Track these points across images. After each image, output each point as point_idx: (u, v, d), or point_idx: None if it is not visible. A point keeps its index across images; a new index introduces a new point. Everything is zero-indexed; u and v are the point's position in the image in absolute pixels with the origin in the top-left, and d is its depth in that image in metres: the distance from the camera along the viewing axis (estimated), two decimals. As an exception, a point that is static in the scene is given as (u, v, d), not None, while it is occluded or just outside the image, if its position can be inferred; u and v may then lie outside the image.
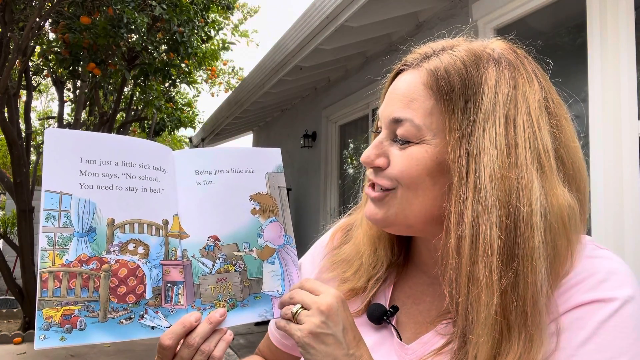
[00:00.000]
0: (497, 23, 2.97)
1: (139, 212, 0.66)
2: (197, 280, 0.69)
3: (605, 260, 0.63)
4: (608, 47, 2.22)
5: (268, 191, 0.76)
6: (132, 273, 0.65)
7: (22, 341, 5.68)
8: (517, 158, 0.60)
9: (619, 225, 2.16)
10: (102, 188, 0.64)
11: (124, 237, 0.65)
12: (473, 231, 0.59)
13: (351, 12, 3.38)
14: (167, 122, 9.10)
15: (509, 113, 0.62)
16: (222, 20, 7.55)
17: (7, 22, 4.92)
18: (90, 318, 0.62)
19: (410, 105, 0.65)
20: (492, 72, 0.64)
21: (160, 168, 0.70)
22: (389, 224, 0.70)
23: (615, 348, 0.57)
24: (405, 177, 0.65)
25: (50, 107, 14.77)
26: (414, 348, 0.70)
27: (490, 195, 0.59)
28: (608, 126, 2.21)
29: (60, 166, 0.63)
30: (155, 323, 0.65)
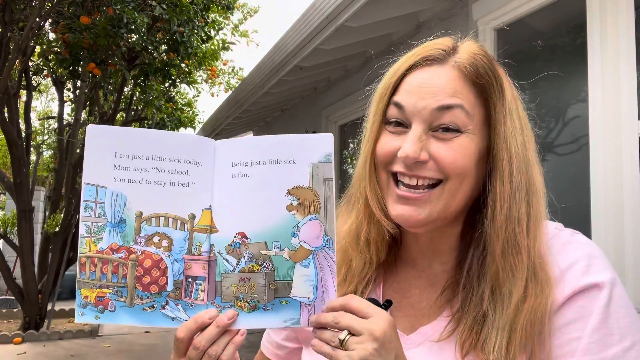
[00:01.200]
0: (497, 23, 2.97)
1: (165, 206, 0.68)
2: (219, 277, 0.68)
3: (585, 245, 0.70)
4: (608, 47, 2.22)
5: (310, 184, 0.68)
6: (155, 265, 0.68)
7: (22, 341, 5.68)
8: (525, 141, 0.71)
9: (619, 225, 2.16)
10: (132, 182, 0.68)
11: (150, 229, 0.68)
12: (511, 204, 0.69)
13: (351, 12, 3.38)
14: (167, 122, 9.10)
15: (518, 107, 0.73)
16: (222, 20, 7.55)
17: (7, 22, 4.92)
18: (119, 302, 0.67)
19: (456, 94, 0.69)
20: (500, 70, 0.73)
21: (194, 161, 0.69)
22: (429, 222, 0.70)
23: (619, 329, 0.64)
24: (458, 168, 0.68)
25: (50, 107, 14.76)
26: (413, 338, 0.72)
27: (519, 173, 0.69)
28: (608, 126, 2.21)
29: (97, 160, 0.67)
30: (175, 315, 0.67)
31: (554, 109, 2.65)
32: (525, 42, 2.98)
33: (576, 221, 2.37)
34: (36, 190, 8.97)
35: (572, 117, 2.60)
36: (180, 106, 9.44)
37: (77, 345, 5.62)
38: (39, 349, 5.45)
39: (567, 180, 2.44)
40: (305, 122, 6.35)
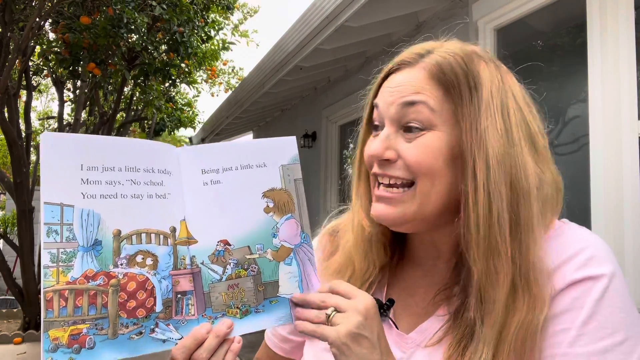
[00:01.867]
0: (497, 23, 2.97)
1: (145, 221, 0.62)
2: (207, 288, 0.66)
3: (587, 239, 0.68)
4: (608, 47, 2.22)
5: (283, 186, 0.71)
6: (141, 286, 0.62)
7: (22, 341, 5.68)
8: (513, 139, 0.67)
9: (619, 225, 2.16)
10: (106, 197, 0.60)
11: (131, 248, 0.62)
12: (487, 206, 0.65)
13: (351, 12, 3.38)
14: (167, 122, 9.09)
15: (502, 102, 0.68)
16: (222, 20, 7.55)
17: (7, 22, 4.92)
18: (100, 336, 0.59)
19: (420, 91, 0.69)
20: (483, 66, 0.70)
21: (165, 170, 0.65)
22: (405, 222, 0.70)
23: (613, 324, 0.62)
24: (423, 166, 0.67)
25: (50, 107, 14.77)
26: (412, 337, 0.72)
27: (498, 173, 0.65)
28: (608, 126, 2.21)
29: (60, 175, 0.58)
30: (167, 336, 0.63)
31: (554, 109, 2.65)
32: (525, 42, 2.98)
33: (576, 221, 2.35)
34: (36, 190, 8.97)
35: (572, 117, 2.60)
36: (180, 106, 9.43)
37: None
38: (39, 349, 5.43)
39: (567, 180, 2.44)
40: (305, 122, 6.35)
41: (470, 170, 0.66)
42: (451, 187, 0.68)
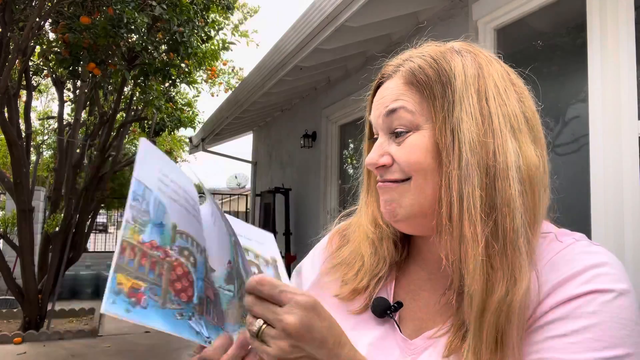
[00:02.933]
0: (497, 23, 2.97)
1: (190, 231, 0.72)
2: (225, 307, 0.72)
3: (600, 255, 0.66)
4: (608, 47, 2.22)
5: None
6: (185, 275, 0.69)
7: (22, 341, 5.68)
8: (491, 124, 0.68)
9: (619, 225, 2.16)
10: (170, 198, 0.71)
11: (182, 242, 0.70)
12: (459, 195, 0.66)
13: (351, 12, 3.38)
14: (167, 122, 9.09)
15: (479, 89, 0.70)
16: (222, 21, 7.55)
17: (7, 22, 4.92)
18: (152, 300, 0.64)
19: (399, 98, 0.73)
20: (457, 59, 0.72)
21: (197, 203, 0.76)
22: (404, 217, 0.72)
23: (612, 338, 0.60)
24: (412, 164, 0.70)
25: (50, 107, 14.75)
26: (417, 343, 0.72)
27: (471, 161, 0.66)
28: (608, 126, 2.21)
29: (148, 166, 0.70)
30: (199, 329, 0.67)
31: (554, 109, 2.65)
32: (525, 42, 2.98)
33: (576, 221, 2.37)
34: (36, 190, 8.97)
35: (572, 117, 2.60)
36: (180, 106, 9.42)
37: (78, 345, 5.62)
38: (39, 349, 5.45)
39: (567, 180, 2.44)
40: (305, 122, 6.35)
41: (444, 162, 0.68)
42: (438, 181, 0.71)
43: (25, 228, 5.93)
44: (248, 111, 6.77)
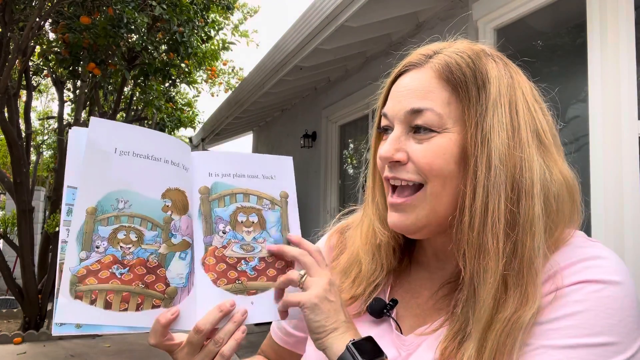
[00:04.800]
0: (497, 23, 2.97)
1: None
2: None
3: (596, 249, 0.66)
4: (608, 47, 2.22)
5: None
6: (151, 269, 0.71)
7: (22, 341, 5.68)
8: (520, 138, 0.66)
9: (619, 225, 2.16)
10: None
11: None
12: (484, 206, 0.64)
13: (351, 12, 3.38)
14: (167, 122, 9.09)
15: (511, 99, 0.68)
16: (222, 20, 7.55)
17: (7, 22, 4.92)
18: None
19: (427, 96, 0.68)
20: (491, 64, 0.70)
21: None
22: (419, 229, 0.70)
23: (594, 327, 0.59)
24: (434, 168, 0.67)
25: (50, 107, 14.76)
26: (410, 339, 0.72)
27: (500, 172, 0.64)
28: (608, 126, 2.21)
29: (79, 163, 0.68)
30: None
31: (554, 109, 2.65)
32: (525, 42, 2.98)
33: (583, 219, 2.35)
34: (36, 190, 8.97)
35: (572, 117, 2.60)
36: (180, 106, 9.43)
37: (77, 345, 5.62)
38: (39, 349, 5.45)
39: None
40: (305, 122, 6.35)
41: (471, 170, 0.65)
42: (461, 188, 0.68)
43: (25, 228, 5.93)
44: (248, 111, 6.77)
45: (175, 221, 0.70)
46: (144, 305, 0.66)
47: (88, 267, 0.64)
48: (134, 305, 0.66)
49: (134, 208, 0.67)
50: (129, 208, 0.67)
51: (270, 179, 0.79)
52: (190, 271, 0.70)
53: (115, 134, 0.68)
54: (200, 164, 0.75)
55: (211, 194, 0.75)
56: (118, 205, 0.67)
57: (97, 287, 0.64)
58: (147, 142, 0.69)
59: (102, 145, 0.67)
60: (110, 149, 0.67)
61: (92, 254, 0.65)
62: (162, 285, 0.68)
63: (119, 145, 0.68)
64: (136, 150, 0.68)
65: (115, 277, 0.65)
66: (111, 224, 0.66)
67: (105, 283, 0.65)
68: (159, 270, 0.68)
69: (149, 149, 0.69)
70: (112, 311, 0.64)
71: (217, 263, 0.73)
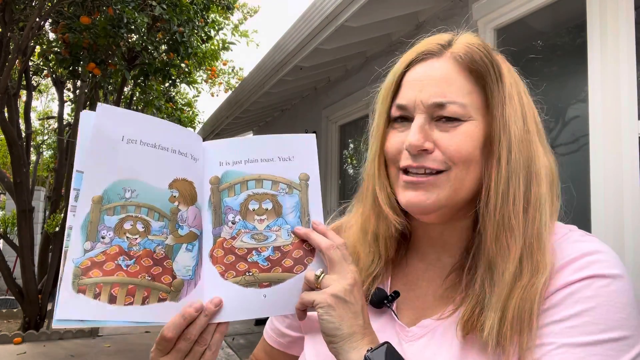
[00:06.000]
0: (497, 23, 2.97)
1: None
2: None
3: (594, 243, 0.69)
4: (608, 47, 2.22)
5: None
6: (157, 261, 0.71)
7: (22, 341, 5.68)
8: (528, 127, 0.72)
9: (619, 225, 2.16)
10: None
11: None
12: (507, 186, 0.69)
13: (351, 12, 3.38)
14: (167, 122, 9.09)
15: (518, 91, 0.73)
16: (222, 20, 7.55)
17: (7, 22, 4.92)
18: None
19: (449, 88, 0.71)
20: (499, 58, 0.74)
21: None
22: (437, 208, 0.71)
23: (609, 321, 0.62)
24: (463, 155, 0.70)
25: (50, 107, 14.76)
26: (414, 330, 0.73)
27: (518, 157, 0.70)
28: (608, 126, 2.21)
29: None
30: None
31: (554, 109, 2.65)
32: (525, 42, 2.98)
33: (576, 221, 2.36)
34: (36, 190, 8.97)
35: (572, 117, 2.60)
36: (180, 106, 9.44)
37: (77, 345, 5.62)
38: (39, 349, 5.45)
39: (567, 181, 2.44)
40: (305, 122, 6.35)
41: (496, 156, 0.70)
42: (482, 173, 0.71)
43: (25, 228, 5.93)
44: (248, 111, 6.77)
45: (182, 212, 0.69)
46: (150, 298, 0.64)
47: (92, 259, 0.62)
48: (139, 298, 0.64)
49: (140, 198, 0.66)
50: (136, 198, 0.65)
51: (287, 160, 0.75)
52: (197, 264, 0.69)
53: (123, 121, 0.66)
54: (212, 153, 0.73)
55: (221, 184, 0.72)
56: (125, 194, 0.65)
57: (102, 280, 0.62)
58: (156, 131, 0.68)
59: (110, 132, 0.65)
60: (118, 136, 0.65)
61: (98, 244, 0.63)
62: (168, 278, 0.66)
63: (127, 132, 0.66)
64: (144, 139, 0.67)
65: (121, 269, 0.63)
66: (117, 214, 0.65)
67: (111, 275, 0.63)
68: (166, 262, 0.66)
69: (157, 138, 0.68)
70: (116, 305, 0.62)
71: (226, 255, 0.70)
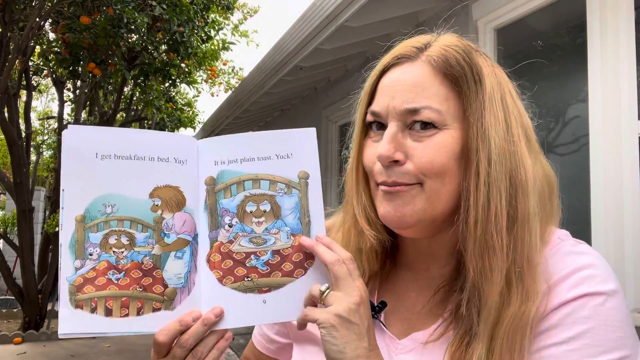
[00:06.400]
0: (497, 23, 2.97)
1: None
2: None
3: (587, 256, 0.65)
4: (608, 47, 2.22)
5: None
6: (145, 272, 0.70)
7: (22, 341, 5.68)
8: (512, 134, 0.66)
9: (619, 225, 2.16)
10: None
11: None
12: (487, 202, 0.63)
13: (351, 12, 3.38)
14: (167, 122, 9.10)
15: (501, 95, 0.67)
16: (222, 20, 7.55)
17: (7, 22, 4.92)
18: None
19: (423, 93, 0.66)
20: (481, 60, 0.68)
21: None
22: (416, 222, 0.67)
23: (607, 342, 0.60)
24: (435, 167, 0.65)
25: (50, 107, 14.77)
26: (405, 343, 0.70)
27: (499, 168, 0.64)
28: (608, 126, 2.21)
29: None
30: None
31: (554, 109, 2.65)
32: (525, 42, 2.98)
33: (576, 221, 2.36)
34: (36, 190, 8.97)
35: (572, 117, 2.59)
36: (180, 106, 9.44)
37: (77, 345, 5.62)
38: (39, 349, 5.45)
39: (567, 181, 2.44)
40: (305, 122, 6.35)
41: (474, 167, 0.64)
42: (461, 185, 0.66)
43: (25, 228, 5.93)
44: (248, 111, 6.77)
45: (167, 220, 0.68)
46: (144, 309, 0.66)
47: (84, 276, 0.65)
48: (134, 310, 0.65)
49: (121, 211, 0.66)
50: (117, 212, 0.66)
51: (286, 158, 0.73)
52: (190, 270, 0.68)
53: (93, 138, 0.68)
54: (207, 152, 0.71)
55: (217, 185, 0.70)
56: (105, 210, 0.66)
57: (95, 294, 0.64)
58: (129, 142, 0.68)
59: (82, 151, 0.67)
60: (91, 154, 0.67)
61: (87, 261, 0.65)
62: (160, 287, 0.67)
63: (99, 149, 0.67)
64: (117, 152, 0.67)
65: (112, 282, 0.65)
66: (101, 230, 0.66)
67: (103, 289, 0.65)
68: (155, 272, 0.67)
69: (132, 149, 0.68)
70: (113, 318, 0.64)
71: (223, 260, 0.68)
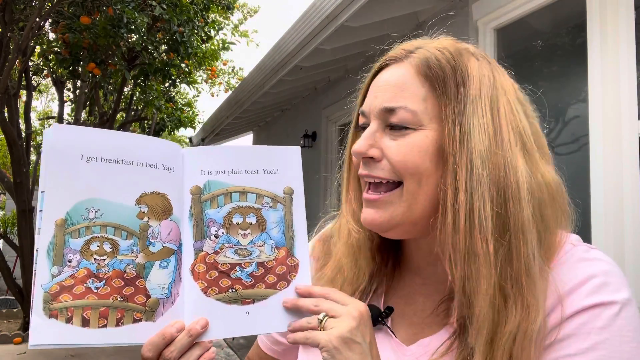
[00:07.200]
0: (497, 23, 2.97)
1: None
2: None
3: (600, 262, 0.64)
4: (608, 47, 2.22)
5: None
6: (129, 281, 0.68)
7: (22, 341, 5.68)
8: (502, 139, 0.64)
9: (619, 225, 2.16)
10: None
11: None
12: (468, 207, 0.62)
13: (351, 12, 3.38)
14: (167, 122, 9.10)
15: (492, 99, 0.66)
16: (222, 20, 7.55)
17: (7, 22, 4.92)
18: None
19: (402, 93, 0.67)
20: (474, 62, 0.68)
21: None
22: (393, 226, 0.68)
23: (622, 353, 0.59)
24: (408, 166, 0.65)
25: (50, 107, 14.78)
26: (413, 350, 0.70)
27: (482, 172, 0.62)
28: (608, 126, 2.21)
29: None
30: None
31: (554, 109, 2.65)
32: (525, 42, 2.98)
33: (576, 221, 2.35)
34: (36, 190, 8.96)
35: (572, 117, 2.60)
36: (180, 106, 9.44)
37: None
38: (39, 348, 5.44)
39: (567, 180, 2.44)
40: (305, 122, 6.35)
41: (450, 169, 0.63)
42: (439, 187, 0.65)
43: (25, 228, 5.93)
44: (248, 111, 6.77)
45: (153, 228, 0.66)
46: (124, 319, 0.63)
47: (61, 283, 0.60)
48: (113, 320, 0.62)
49: (106, 217, 0.63)
50: (101, 217, 0.63)
51: (272, 173, 0.73)
52: (174, 280, 0.66)
53: (80, 139, 0.64)
54: (192, 161, 0.69)
55: (203, 194, 0.69)
56: (89, 215, 0.63)
57: (72, 303, 0.60)
58: (118, 145, 0.65)
59: (67, 152, 0.63)
60: (76, 156, 0.63)
61: (65, 268, 0.61)
62: (142, 298, 0.63)
63: (85, 151, 0.64)
64: (105, 155, 0.64)
65: (92, 291, 0.61)
66: (82, 236, 0.62)
67: (81, 299, 0.61)
68: (138, 281, 0.64)
69: (120, 153, 0.65)
70: (90, 329, 0.61)
71: (208, 270, 0.67)
